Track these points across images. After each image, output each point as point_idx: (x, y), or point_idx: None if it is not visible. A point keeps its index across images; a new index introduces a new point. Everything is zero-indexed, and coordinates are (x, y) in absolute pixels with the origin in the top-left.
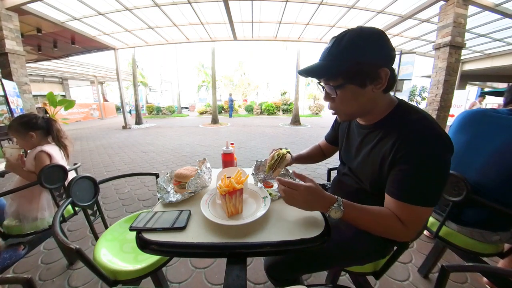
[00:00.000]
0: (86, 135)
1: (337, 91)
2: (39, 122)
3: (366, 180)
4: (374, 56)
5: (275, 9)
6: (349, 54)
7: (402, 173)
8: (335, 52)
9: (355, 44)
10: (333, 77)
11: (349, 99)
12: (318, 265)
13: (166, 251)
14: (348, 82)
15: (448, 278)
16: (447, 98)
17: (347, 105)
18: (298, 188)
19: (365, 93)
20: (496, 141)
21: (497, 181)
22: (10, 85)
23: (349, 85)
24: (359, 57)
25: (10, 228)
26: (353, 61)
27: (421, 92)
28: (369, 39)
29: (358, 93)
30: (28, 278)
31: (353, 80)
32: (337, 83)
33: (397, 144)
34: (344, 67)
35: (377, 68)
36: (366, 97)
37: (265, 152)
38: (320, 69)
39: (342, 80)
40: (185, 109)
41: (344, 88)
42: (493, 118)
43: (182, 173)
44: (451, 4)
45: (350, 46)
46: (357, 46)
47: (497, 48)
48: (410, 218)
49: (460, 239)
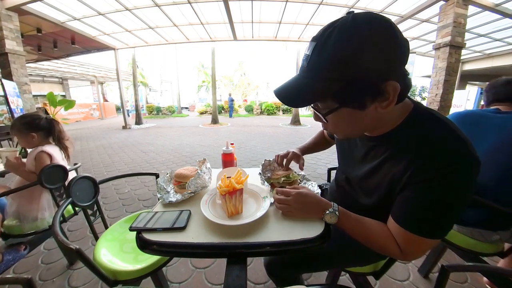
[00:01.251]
0: (86, 135)
1: (326, 117)
2: (42, 123)
3: (368, 196)
4: (376, 64)
5: (275, 9)
6: (338, 66)
7: (415, 200)
8: (317, 64)
9: (348, 47)
10: (317, 99)
11: (345, 122)
12: (318, 265)
13: (166, 251)
14: (341, 105)
15: (448, 277)
16: (447, 98)
17: (344, 128)
18: (290, 194)
19: (366, 114)
20: (489, 140)
21: (494, 179)
22: (10, 85)
23: (344, 109)
24: (354, 69)
25: (10, 228)
26: (344, 75)
27: (421, 92)
28: (368, 37)
29: (356, 116)
30: (28, 278)
31: (348, 102)
32: (326, 106)
33: (415, 165)
34: (334, 86)
35: (381, 81)
36: (368, 118)
37: (265, 152)
38: (298, 91)
39: (333, 103)
40: (185, 109)
41: (337, 112)
42: (483, 118)
43: (182, 173)
44: (451, 4)
45: (339, 52)
46: (351, 51)
47: (497, 48)
48: (411, 248)
49: (460, 239)
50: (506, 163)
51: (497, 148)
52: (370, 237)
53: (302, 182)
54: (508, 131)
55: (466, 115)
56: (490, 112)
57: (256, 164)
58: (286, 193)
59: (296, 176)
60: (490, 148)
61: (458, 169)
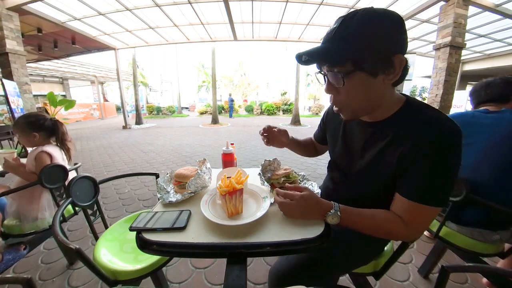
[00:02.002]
0: (86, 135)
1: (345, 79)
2: (46, 124)
3: (370, 185)
4: (388, 40)
5: (275, 9)
6: (360, 36)
7: (421, 173)
8: (344, 33)
9: (368, 24)
10: (340, 61)
11: (358, 90)
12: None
13: (166, 251)
14: (358, 69)
15: (448, 278)
16: (447, 99)
17: (355, 97)
18: (294, 197)
19: (375, 83)
20: (483, 140)
21: (492, 178)
22: (11, 85)
23: (359, 73)
24: (372, 40)
25: (10, 227)
26: (365, 44)
27: (421, 92)
28: (384, 20)
29: (367, 83)
30: (28, 278)
31: (363, 67)
32: (344, 69)
33: (418, 142)
34: (355, 50)
35: (391, 54)
36: (375, 88)
37: (265, 152)
38: (324, 52)
39: (351, 66)
40: (185, 109)
41: (353, 76)
42: (476, 119)
43: (182, 173)
44: (451, 5)
45: (362, 26)
46: (370, 27)
47: (497, 48)
48: (418, 220)
49: (460, 239)
50: (502, 162)
51: (491, 147)
52: (375, 225)
53: (302, 182)
54: (500, 130)
55: (459, 117)
56: (481, 113)
57: (256, 164)
58: (289, 196)
59: (296, 176)
60: (484, 147)
61: (455, 146)
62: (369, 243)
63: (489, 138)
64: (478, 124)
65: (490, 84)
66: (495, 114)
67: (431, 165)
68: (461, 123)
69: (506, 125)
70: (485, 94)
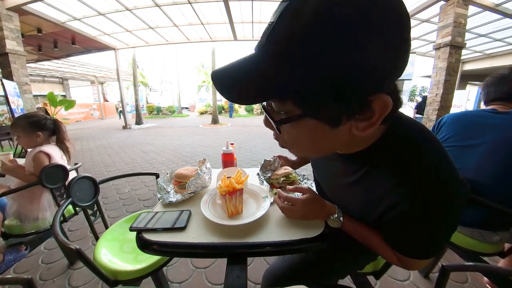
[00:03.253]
0: (87, 135)
1: (280, 127)
2: (47, 123)
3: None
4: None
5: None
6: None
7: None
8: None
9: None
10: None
11: (305, 138)
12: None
13: (166, 251)
14: (307, 115)
15: (448, 277)
16: (447, 98)
17: (301, 146)
18: (296, 203)
19: (335, 133)
20: (487, 141)
21: (493, 179)
22: (11, 85)
23: (308, 120)
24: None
25: (11, 228)
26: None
27: (421, 92)
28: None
29: (322, 133)
30: (28, 279)
31: (316, 112)
32: (283, 109)
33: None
34: (302, 77)
35: (369, 91)
36: (336, 138)
37: (265, 152)
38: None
39: (295, 108)
40: (185, 109)
41: (298, 122)
42: (481, 118)
43: (182, 173)
44: (451, 4)
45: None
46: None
47: (497, 48)
48: (408, 263)
49: (460, 239)
50: (505, 163)
51: (496, 148)
52: (372, 245)
53: (302, 182)
54: (506, 131)
55: (463, 116)
56: (489, 113)
57: (256, 164)
58: (291, 201)
59: (296, 176)
60: (488, 148)
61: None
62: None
63: (494, 140)
64: (484, 124)
65: (501, 80)
66: (505, 115)
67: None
68: (465, 122)
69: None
70: (495, 92)
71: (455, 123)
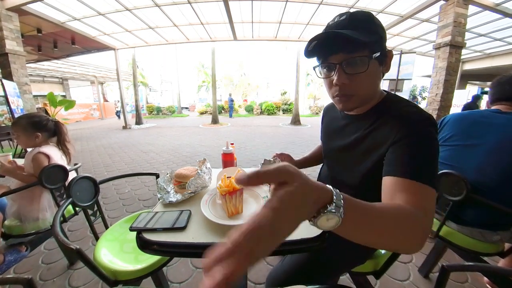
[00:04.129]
0: (87, 135)
1: (369, 63)
2: (49, 124)
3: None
4: (384, 36)
5: (275, 9)
6: (370, 27)
7: (407, 150)
8: (358, 22)
9: (372, 18)
10: (361, 48)
11: (371, 76)
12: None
13: (166, 251)
14: (372, 57)
15: (448, 277)
16: (447, 98)
17: (366, 84)
18: None
19: (379, 73)
20: (490, 140)
21: (495, 180)
22: (11, 85)
23: (373, 61)
24: (379, 31)
25: (11, 228)
26: (376, 34)
27: (421, 92)
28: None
29: (377, 71)
30: (28, 279)
31: (376, 56)
32: (363, 55)
33: (395, 127)
34: (371, 37)
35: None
36: (379, 77)
37: (265, 152)
38: (349, 36)
39: (368, 53)
40: (185, 109)
41: (370, 62)
42: (485, 118)
43: (182, 173)
44: (451, 4)
45: (369, 19)
46: (375, 20)
47: (497, 47)
48: (427, 202)
49: (461, 239)
50: (507, 164)
51: (498, 149)
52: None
53: None
54: (509, 132)
55: (467, 116)
56: (492, 113)
57: (256, 164)
58: None
59: None
60: (493, 147)
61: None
62: None
63: (498, 139)
64: (487, 124)
65: (506, 82)
66: (506, 115)
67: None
68: (468, 122)
69: None
70: (499, 92)
71: (458, 123)
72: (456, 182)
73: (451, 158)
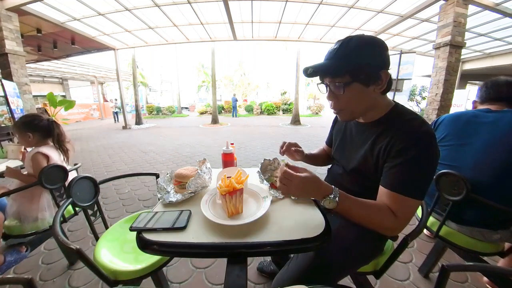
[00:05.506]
0: (86, 135)
1: (345, 88)
2: (41, 124)
3: (368, 174)
4: (376, 59)
5: (275, 9)
6: (356, 55)
7: (397, 166)
8: (344, 52)
9: (362, 46)
10: (341, 74)
11: (354, 96)
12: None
13: (166, 251)
14: (355, 80)
15: (448, 277)
16: (447, 98)
17: (352, 103)
18: (295, 179)
19: (368, 92)
20: (482, 139)
21: (493, 177)
22: (10, 85)
23: (355, 84)
24: (365, 59)
25: (11, 228)
26: (360, 62)
27: (421, 91)
28: (373, 44)
29: (362, 92)
30: (29, 279)
31: (359, 79)
32: (344, 80)
33: (394, 140)
34: (352, 66)
35: (378, 70)
36: (369, 96)
37: (265, 152)
38: (328, 67)
39: (349, 78)
40: (185, 109)
41: (351, 86)
42: (476, 118)
43: (182, 173)
44: (451, 4)
45: (357, 48)
46: (363, 49)
47: (497, 47)
48: (402, 209)
49: (460, 239)
50: (503, 161)
51: (491, 146)
52: (369, 213)
53: None
54: (500, 129)
55: (459, 116)
56: (483, 112)
57: (256, 164)
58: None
59: None
60: (483, 146)
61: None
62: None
63: (489, 137)
64: (478, 123)
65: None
66: (496, 114)
67: (405, 161)
68: (461, 122)
69: (506, 124)
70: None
71: (452, 123)
72: (455, 182)
73: (447, 157)
